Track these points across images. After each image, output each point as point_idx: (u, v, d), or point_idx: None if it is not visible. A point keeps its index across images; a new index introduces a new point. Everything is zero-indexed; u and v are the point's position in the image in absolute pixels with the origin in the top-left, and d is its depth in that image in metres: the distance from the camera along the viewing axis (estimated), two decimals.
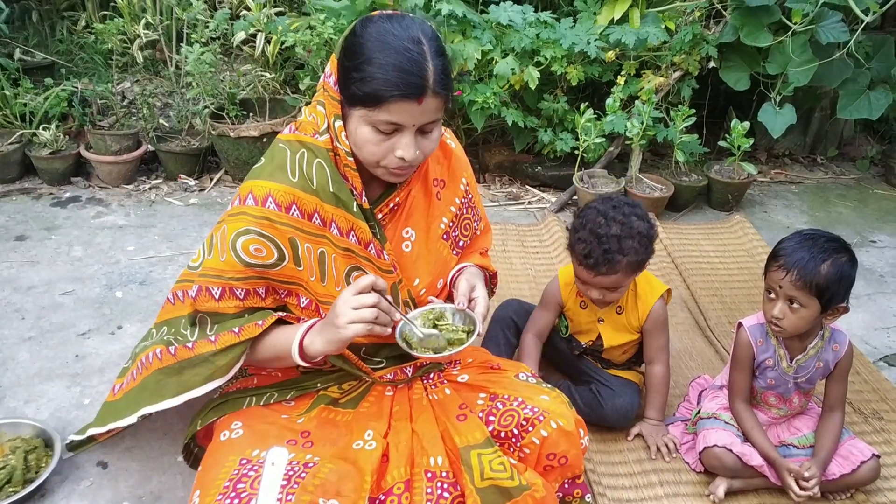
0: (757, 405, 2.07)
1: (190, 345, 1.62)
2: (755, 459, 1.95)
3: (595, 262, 1.93)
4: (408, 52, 1.44)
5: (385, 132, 1.50)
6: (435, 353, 1.61)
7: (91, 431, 1.87)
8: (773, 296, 1.88)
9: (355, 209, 1.60)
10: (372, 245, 1.64)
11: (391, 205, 1.69)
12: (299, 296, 1.65)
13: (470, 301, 1.72)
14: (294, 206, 1.56)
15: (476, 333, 1.64)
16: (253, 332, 1.58)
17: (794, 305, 1.84)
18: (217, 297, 1.60)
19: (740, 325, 2.03)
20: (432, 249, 1.77)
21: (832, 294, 1.81)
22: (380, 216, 1.68)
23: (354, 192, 1.61)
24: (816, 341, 1.97)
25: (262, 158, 1.64)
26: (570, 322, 2.22)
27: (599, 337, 2.17)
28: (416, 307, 1.73)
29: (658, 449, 2.12)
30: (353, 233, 1.62)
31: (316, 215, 1.58)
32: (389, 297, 1.54)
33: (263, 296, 1.63)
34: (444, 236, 1.80)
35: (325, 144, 1.58)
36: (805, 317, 1.85)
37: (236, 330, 1.58)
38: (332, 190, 1.58)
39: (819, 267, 1.79)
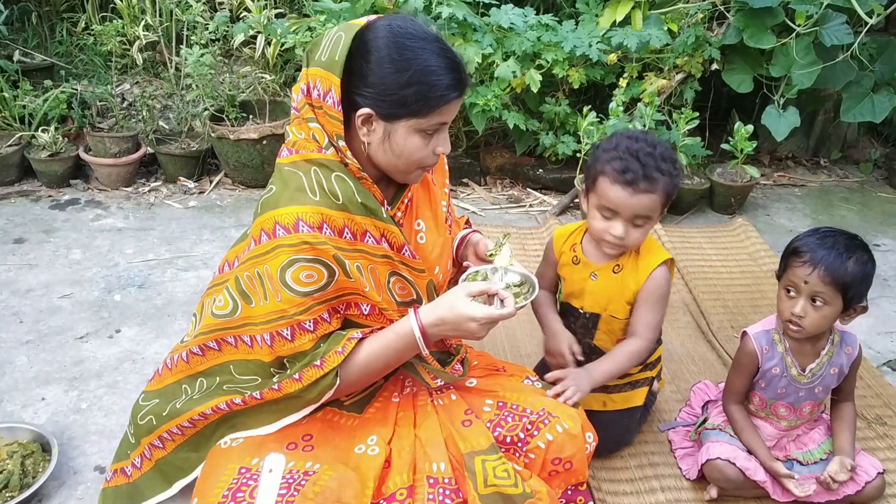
0: (766, 417, 2.02)
1: (276, 386, 1.57)
2: (759, 474, 1.91)
3: (634, 176, 1.75)
4: (447, 51, 1.48)
5: (431, 134, 1.51)
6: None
7: (179, 485, 1.78)
8: (793, 294, 1.83)
9: (384, 216, 1.58)
10: (406, 248, 1.62)
11: (405, 201, 1.67)
12: (359, 305, 1.60)
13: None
14: (325, 225, 1.50)
15: (535, 287, 1.65)
16: (336, 360, 1.53)
17: (818, 303, 1.80)
18: (290, 337, 1.54)
19: (745, 333, 1.98)
20: (442, 234, 1.76)
21: (855, 292, 1.79)
22: (398, 214, 1.66)
23: (378, 201, 1.59)
24: (828, 346, 1.93)
25: (272, 187, 1.55)
26: (562, 282, 2.03)
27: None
28: (437, 296, 1.69)
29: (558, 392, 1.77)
30: (384, 239, 1.59)
31: (346, 230, 1.53)
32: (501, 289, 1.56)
33: (329, 320, 1.58)
34: (447, 219, 1.79)
35: (334, 157, 1.53)
36: (827, 315, 1.81)
37: (318, 363, 1.53)
38: (360, 200, 1.54)
39: (846, 263, 1.76)
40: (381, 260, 1.59)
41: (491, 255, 1.69)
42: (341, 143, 1.51)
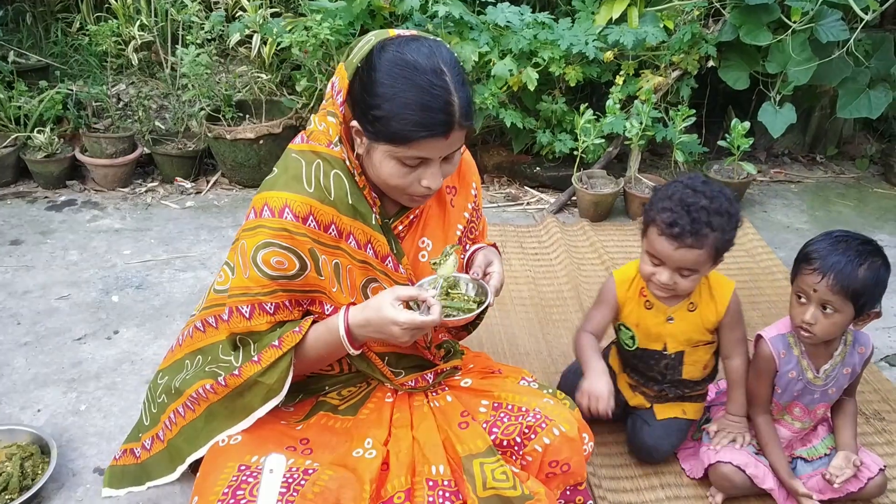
0: (780, 421, 2.00)
1: (237, 371, 1.59)
2: (767, 482, 1.89)
3: (681, 231, 1.75)
4: (433, 88, 1.40)
5: (411, 165, 1.48)
6: (445, 317, 1.58)
7: (181, 469, 1.79)
8: (804, 300, 1.80)
9: (374, 222, 1.58)
10: (389, 259, 1.62)
11: (410, 217, 1.68)
12: (323, 304, 1.61)
13: (485, 274, 1.71)
14: (311, 217, 1.52)
15: (487, 304, 1.62)
16: (293, 340, 1.55)
17: (828, 311, 1.76)
18: (248, 315, 1.56)
19: (760, 336, 1.95)
20: None
21: (867, 299, 1.75)
22: (399, 228, 1.67)
23: (369, 206, 1.59)
24: (841, 347, 1.91)
25: (275, 169, 1.59)
26: (635, 330, 2.00)
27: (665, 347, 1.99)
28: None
29: (733, 439, 1.97)
30: (370, 246, 1.60)
31: (332, 227, 1.55)
32: (428, 295, 1.54)
33: (290, 308, 1.60)
34: (459, 243, 1.79)
35: (340, 155, 1.55)
36: (838, 322, 1.77)
37: (276, 343, 1.55)
38: (350, 202, 1.55)
39: (856, 271, 1.71)
40: (359, 265, 1.60)
41: (435, 264, 1.66)
42: (337, 143, 1.53)
